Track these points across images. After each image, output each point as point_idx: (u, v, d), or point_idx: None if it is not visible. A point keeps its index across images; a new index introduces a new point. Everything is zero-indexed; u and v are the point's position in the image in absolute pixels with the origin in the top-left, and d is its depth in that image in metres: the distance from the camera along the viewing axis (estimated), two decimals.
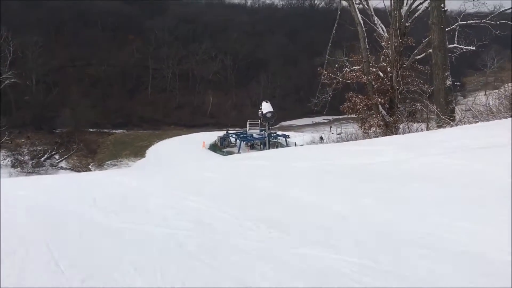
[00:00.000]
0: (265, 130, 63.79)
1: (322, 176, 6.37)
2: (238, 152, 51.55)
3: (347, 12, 17.79)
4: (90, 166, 52.29)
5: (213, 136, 61.03)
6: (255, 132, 56.88)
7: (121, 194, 6.62)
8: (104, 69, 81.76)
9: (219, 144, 55.00)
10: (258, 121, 52.82)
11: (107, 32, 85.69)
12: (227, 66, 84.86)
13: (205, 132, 68.28)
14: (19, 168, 47.99)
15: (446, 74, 12.68)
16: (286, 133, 58.80)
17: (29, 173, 47.42)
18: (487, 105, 11.05)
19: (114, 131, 70.68)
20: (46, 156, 53.14)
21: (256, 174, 7.66)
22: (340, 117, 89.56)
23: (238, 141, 53.67)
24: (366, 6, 17.16)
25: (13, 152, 51.67)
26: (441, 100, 12.55)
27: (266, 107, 23.71)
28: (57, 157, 54.34)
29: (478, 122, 9.53)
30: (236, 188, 6.42)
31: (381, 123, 15.91)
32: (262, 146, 53.06)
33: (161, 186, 7.32)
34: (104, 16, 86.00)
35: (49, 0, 79.78)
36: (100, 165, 52.19)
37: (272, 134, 59.13)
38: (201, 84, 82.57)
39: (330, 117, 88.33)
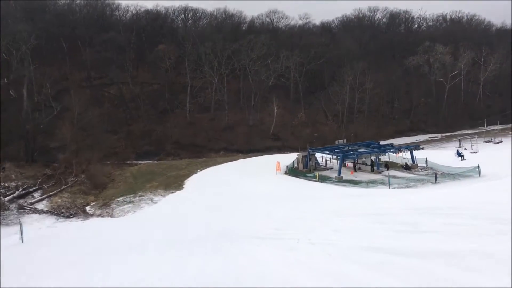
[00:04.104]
0: (374, 143, 41.06)
1: None
2: (339, 175, 29.39)
3: None
4: (87, 208, 29.67)
5: (286, 158, 38.94)
6: (359, 147, 36.06)
7: None
8: (127, 88, 61.57)
9: (300, 167, 37.70)
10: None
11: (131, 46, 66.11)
12: (291, 68, 60.81)
13: (270, 155, 45.68)
14: None
15: None
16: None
17: None
18: None
19: (139, 162, 48.73)
20: (16, 193, 31.03)
21: None
22: (452, 134, 64.78)
23: (338, 159, 32.57)
24: None
25: None
26: None
27: None
28: (36, 195, 32.16)
29: None
30: None
31: None
32: (375, 167, 35.79)
33: None
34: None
35: None
36: (105, 204, 29.68)
37: (388, 148, 36.58)
38: (259, 94, 59.40)
39: (438, 135, 63.65)
